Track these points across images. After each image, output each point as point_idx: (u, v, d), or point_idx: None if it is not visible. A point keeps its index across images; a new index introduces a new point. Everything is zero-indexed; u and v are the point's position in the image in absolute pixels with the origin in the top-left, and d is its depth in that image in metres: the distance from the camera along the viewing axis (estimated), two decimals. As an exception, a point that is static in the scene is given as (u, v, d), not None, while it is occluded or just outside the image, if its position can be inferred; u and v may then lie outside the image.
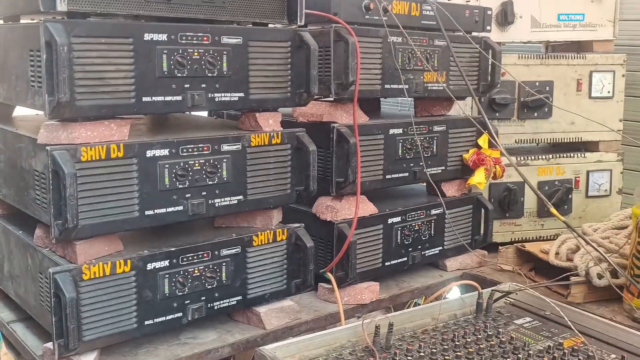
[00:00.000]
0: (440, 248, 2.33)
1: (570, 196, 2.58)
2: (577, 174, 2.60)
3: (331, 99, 1.98)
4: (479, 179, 2.31)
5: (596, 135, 2.62)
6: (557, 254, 2.21)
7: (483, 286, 2.30)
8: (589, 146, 2.65)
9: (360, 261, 2.06)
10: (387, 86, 2.08)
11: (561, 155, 2.59)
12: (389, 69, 2.07)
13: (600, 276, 2.02)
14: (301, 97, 1.82)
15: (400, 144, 2.12)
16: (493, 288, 2.00)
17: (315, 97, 1.88)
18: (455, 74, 2.25)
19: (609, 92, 2.61)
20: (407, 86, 2.12)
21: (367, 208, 2.08)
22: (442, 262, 2.38)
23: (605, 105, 2.61)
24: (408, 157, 2.15)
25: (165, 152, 1.58)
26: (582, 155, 2.61)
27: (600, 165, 2.62)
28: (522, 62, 2.50)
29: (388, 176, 2.12)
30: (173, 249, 1.63)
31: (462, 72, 2.12)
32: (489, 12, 2.34)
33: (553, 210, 1.79)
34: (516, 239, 2.59)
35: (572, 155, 2.60)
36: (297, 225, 1.89)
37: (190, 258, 1.65)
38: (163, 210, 1.60)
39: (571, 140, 2.61)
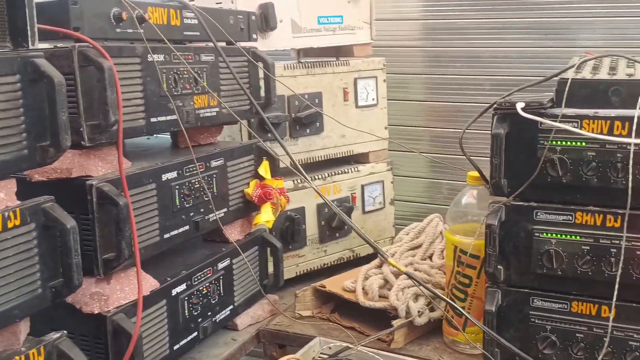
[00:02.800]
0: (232, 307, 1.91)
1: (350, 215, 2.36)
2: (353, 190, 2.39)
3: (82, 145, 1.41)
4: (267, 217, 1.94)
5: (366, 147, 2.44)
6: (364, 289, 1.95)
7: (287, 342, 1.97)
8: (360, 158, 2.46)
9: (145, 355, 1.55)
10: (153, 119, 1.58)
11: (336, 172, 2.35)
12: (153, 97, 1.57)
13: (420, 313, 1.82)
14: (46, 154, 1.22)
15: (176, 191, 1.64)
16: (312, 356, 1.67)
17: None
18: (227, 94, 1.84)
19: (373, 99, 2.44)
20: (175, 116, 1.64)
21: (147, 284, 1.57)
22: (233, 320, 1.97)
23: (371, 114, 2.44)
24: (187, 205, 1.68)
25: None
26: (356, 169, 2.40)
27: (373, 177, 2.45)
28: (288, 73, 2.18)
29: (166, 235, 1.63)
30: None
31: (246, 91, 1.73)
32: (254, 18, 1.96)
33: (392, 261, 1.50)
34: (301, 272, 2.30)
35: (346, 170, 2.38)
36: (58, 335, 1.29)
37: None
38: None
39: (344, 155, 2.39)
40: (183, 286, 1.69)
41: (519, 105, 1.52)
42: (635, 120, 1.43)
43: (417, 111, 2.81)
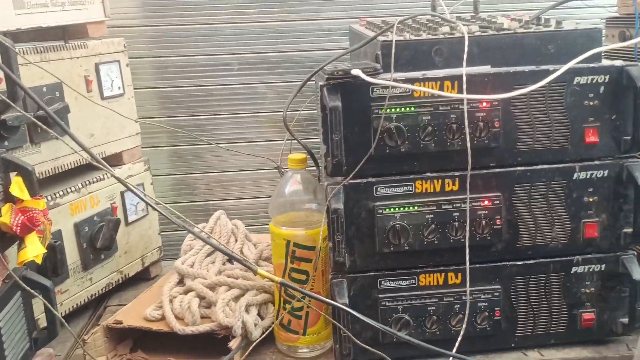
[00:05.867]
0: (5, 379, 1.40)
1: (117, 230, 1.95)
2: (112, 200, 1.98)
3: None
4: (36, 250, 1.46)
5: (119, 145, 2.03)
6: (175, 315, 1.61)
7: (89, 404, 1.54)
8: (113, 160, 2.04)
9: None
10: None
11: (91, 180, 1.91)
12: None
13: (255, 325, 1.56)
14: None
15: None
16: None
17: None
18: (-43, 90, 1.31)
19: (119, 87, 2.04)
20: None
21: None
22: (4, 397, 1.45)
23: (119, 105, 2.03)
24: None
25: None
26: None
27: (132, 181, 2.05)
28: (19, 60, 1.67)
29: None
30: None
31: (20, 85, 1.22)
32: (-27, -15, 1.43)
33: (262, 272, 1.21)
34: (67, 311, 1.82)
35: (102, 177, 1.95)
36: None
37: None
38: None
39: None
40: (-53, 371, 1.16)
41: (356, 72, 1.36)
42: (465, 77, 1.39)
43: (150, 100, 2.45)
